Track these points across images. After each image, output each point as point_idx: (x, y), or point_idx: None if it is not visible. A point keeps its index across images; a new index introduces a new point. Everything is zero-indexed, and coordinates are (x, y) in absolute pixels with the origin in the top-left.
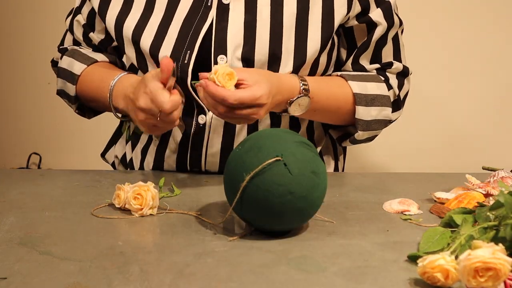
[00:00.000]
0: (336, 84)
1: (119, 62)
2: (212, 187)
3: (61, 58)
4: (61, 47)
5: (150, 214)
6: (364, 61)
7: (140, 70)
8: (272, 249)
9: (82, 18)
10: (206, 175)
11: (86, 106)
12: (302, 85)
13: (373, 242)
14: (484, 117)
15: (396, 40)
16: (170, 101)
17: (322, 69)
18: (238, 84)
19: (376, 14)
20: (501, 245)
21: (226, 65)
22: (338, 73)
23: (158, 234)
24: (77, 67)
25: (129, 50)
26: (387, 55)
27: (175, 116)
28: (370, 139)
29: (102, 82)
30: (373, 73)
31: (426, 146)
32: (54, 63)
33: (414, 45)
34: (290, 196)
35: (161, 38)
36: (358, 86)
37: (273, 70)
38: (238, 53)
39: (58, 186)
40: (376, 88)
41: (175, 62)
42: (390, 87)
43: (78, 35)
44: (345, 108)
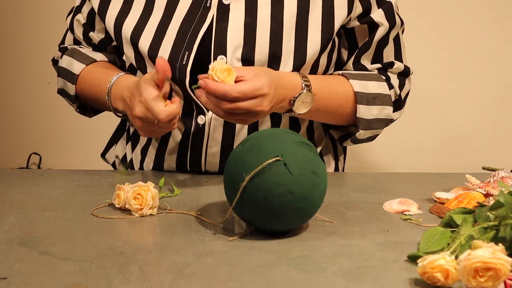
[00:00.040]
0: (337, 82)
1: (119, 61)
2: (212, 187)
3: (61, 57)
4: (61, 46)
5: (150, 214)
6: (365, 61)
7: (139, 70)
8: (272, 249)
9: (82, 18)
10: (206, 175)
11: (86, 105)
12: (303, 81)
13: (373, 242)
14: (484, 117)
15: (397, 40)
16: (165, 111)
17: (322, 70)
18: (237, 80)
19: (377, 15)
20: (501, 245)
21: (222, 61)
22: (339, 72)
23: (158, 234)
24: (76, 67)
25: (128, 50)
26: (389, 55)
27: (173, 123)
28: (371, 139)
29: (100, 82)
30: (374, 72)
31: (426, 146)
32: (55, 62)
33: (414, 45)
34: (290, 196)
35: (159, 39)
36: (359, 85)
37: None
38: (238, 53)
39: (58, 186)
40: (377, 87)
41: (174, 63)
42: (391, 87)
43: (78, 34)
44: (346, 106)
